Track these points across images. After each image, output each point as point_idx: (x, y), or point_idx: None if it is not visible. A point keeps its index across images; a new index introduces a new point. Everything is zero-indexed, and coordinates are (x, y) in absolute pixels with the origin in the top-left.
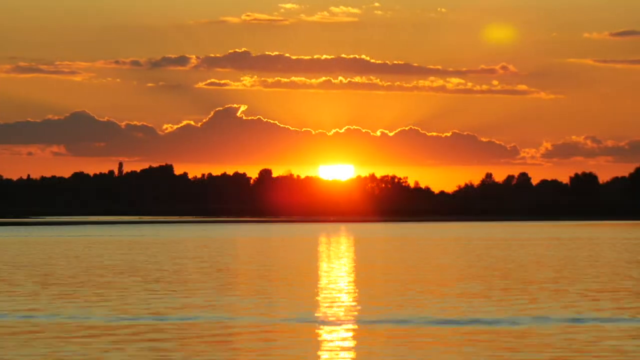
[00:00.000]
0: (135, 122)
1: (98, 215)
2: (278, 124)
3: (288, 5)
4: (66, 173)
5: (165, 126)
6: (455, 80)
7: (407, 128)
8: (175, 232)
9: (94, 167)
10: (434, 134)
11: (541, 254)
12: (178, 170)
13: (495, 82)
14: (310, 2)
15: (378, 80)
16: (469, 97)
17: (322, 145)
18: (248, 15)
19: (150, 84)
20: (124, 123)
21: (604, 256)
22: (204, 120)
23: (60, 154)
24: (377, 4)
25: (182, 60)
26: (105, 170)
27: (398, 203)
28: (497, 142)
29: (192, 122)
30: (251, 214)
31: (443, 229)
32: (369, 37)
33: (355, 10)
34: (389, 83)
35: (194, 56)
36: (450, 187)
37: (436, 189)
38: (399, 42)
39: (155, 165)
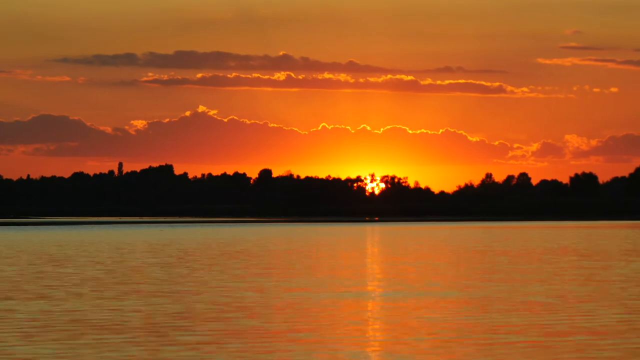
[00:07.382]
0: (101, 120)
1: (98, 215)
2: (247, 121)
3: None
4: (53, 173)
5: (132, 123)
6: (426, 78)
7: (387, 127)
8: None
9: (68, 167)
10: (421, 131)
11: None
12: (178, 170)
13: (461, 80)
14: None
15: (342, 77)
16: (441, 95)
17: (308, 144)
18: (178, 14)
19: (100, 82)
20: (89, 122)
21: None
22: (180, 117)
23: (27, 152)
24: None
25: (131, 58)
26: (102, 171)
27: (398, 203)
28: (481, 139)
29: (160, 120)
30: (250, 214)
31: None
32: (313, 36)
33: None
34: (354, 80)
35: (140, 53)
36: (450, 187)
37: (436, 189)
38: (346, 41)
39: (129, 164)
